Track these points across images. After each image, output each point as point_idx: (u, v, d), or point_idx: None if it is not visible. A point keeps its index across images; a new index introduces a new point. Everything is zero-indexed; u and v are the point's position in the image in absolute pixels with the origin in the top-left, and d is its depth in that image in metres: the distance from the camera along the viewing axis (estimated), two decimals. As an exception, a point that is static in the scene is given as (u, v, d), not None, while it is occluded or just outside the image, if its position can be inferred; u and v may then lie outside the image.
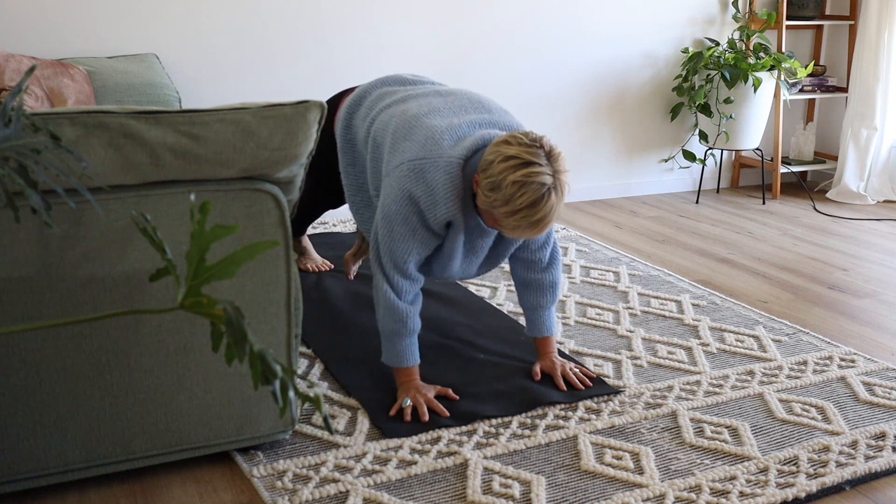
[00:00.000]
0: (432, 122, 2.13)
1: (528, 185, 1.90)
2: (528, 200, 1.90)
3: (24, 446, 1.74)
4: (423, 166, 2.05)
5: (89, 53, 3.41)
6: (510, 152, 1.93)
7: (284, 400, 1.03)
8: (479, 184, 1.98)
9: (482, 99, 2.26)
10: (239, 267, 1.09)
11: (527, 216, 1.93)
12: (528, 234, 1.99)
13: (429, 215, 2.06)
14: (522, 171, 1.91)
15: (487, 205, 1.97)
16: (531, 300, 2.35)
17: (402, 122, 2.17)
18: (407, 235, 2.09)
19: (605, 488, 1.88)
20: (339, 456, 1.97)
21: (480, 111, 2.20)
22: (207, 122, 1.67)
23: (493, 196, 1.94)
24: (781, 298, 3.08)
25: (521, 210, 1.92)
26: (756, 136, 4.41)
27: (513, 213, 1.93)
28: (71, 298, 1.69)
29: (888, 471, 1.99)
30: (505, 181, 1.91)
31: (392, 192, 2.09)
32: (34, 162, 1.12)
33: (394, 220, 2.09)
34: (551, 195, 1.92)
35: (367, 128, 2.32)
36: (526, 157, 1.92)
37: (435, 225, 2.08)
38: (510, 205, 1.92)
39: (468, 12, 4.03)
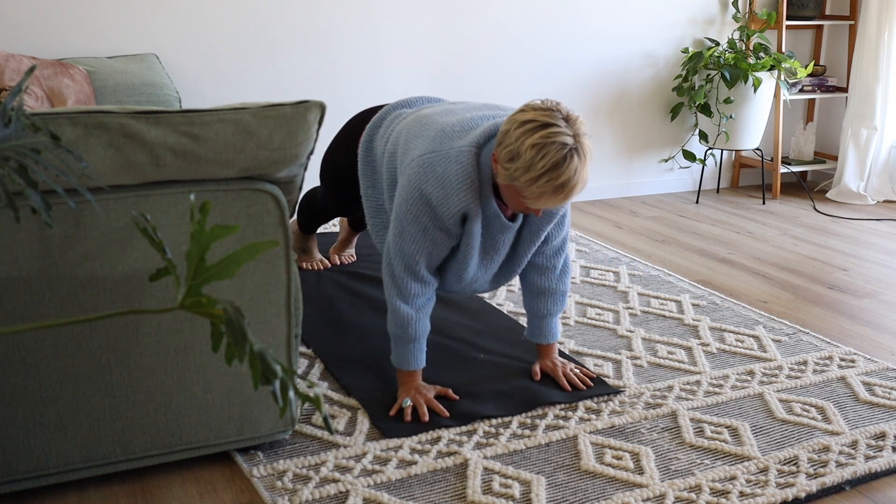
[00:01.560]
0: (443, 119, 2.10)
1: (548, 146, 1.83)
2: (549, 162, 1.83)
3: (24, 446, 1.74)
4: (433, 159, 2.01)
5: (89, 53, 3.41)
6: (526, 118, 1.87)
7: (284, 400, 1.03)
8: (498, 159, 1.91)
9: (495, 105, 2.23)
10: (239, 267, 1.09)
11: (550, 180, 1.84)
12: (553, 201, 1.89)
13: (441, 210, 2.01)
14: (540, 132, 1.84)
15: (508, 178, 1.90)
16: (541, 308, 2.32)
17: (414, 123, 2.16)
18: (418, 235, 2.06)
19: (605, 488, 1.88)
20: (339, 456, 1.97)
21: (493, 108, 2.18)
22: (207, 122, 1.67)
23: (513, 166, 1.87)
24: (781, 298, 3.08)
25: (543, 174, 1.83)
26: (756, 136, 4.42)
27: (535, 179, 1.84)
28: (71, 298, 1.69)
29: (888, 471, 1.99)
30: (523, 146, 1.84)
31: (403, 191, 2.06)
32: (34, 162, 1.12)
33: (404, 219, 2.06)
34: (573, 156, 1.84)
35: (384, 144, 2.28)
36: (543, 119, 1.86)
37: (449, 221, 2.03)
38: (531, 171, 1.84)
39: (468, 12, 4.03)
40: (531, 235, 2.18)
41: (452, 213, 2.01)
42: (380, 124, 2.37)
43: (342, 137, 2.56)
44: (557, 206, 1.98)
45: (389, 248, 2.13)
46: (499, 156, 1.91)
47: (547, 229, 2.17)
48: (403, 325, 2.14)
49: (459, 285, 2.20)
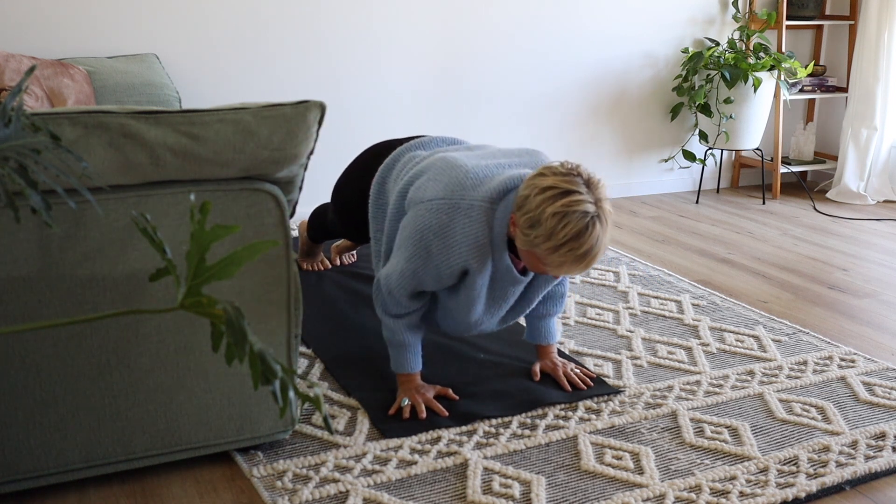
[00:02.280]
0: (459, 165, 2.02)
1: (569, 215, 1.79)
2: (571, 232, 1.79)
3: (24, 446, 1.74)
4: (441, 207, 1.96)
5: (89, 53, 3.41)
6: (546, 183, 1.82)
7: (284, 400, 1.03)
8: (517, 223, 1.88)
9: (514, 149, 2.17)
10: (239, 267, 1.09)
11: (572, 249, 1.80)
12: (574, 269, 1.86)
13: (439, 261, 1.98)
14: (562, 200, 1.79)
15: (528, 244, 1.86)
16: (539, 309, 2.32)
17: (429, 166, 2.09)
18: (408, 276, 2.04)
19: (605, 488, 1.88)
20: (339, 456, 1.97)
21: (509, 156, 2.11)
22: (207, 122, 1.67)
23: (533, 233, 1.83)
24: (781, 298, 3.08)
25: (565, 244, 1.80)
26: (756, 136, 4.41)
27: (556, 248, 1.81)
28: (71, 298, 1.69)
29: (888, 471, 1.99)
30: (544, 214, 1.80)
31: (406, 229, 2.02)
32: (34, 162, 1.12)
33: (400, 254, 2.04)
34: (596, 224, 1.81)
35: (396, 188, 2.21)
36: (564, 185, 1.81)
37: (444, 272, 1.99)
38: (553, 239, 1.80)
39: (468, 12, 4.03)
40: (545, 282, 2.16)
41: (450, 266, 1.98)
42: (392, 166, 2.32)
43: (354, 171, 2.52)
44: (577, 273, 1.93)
45: (380, 270, 2.14)
46: (518, 221, 1.87)
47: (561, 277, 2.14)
48: (394, 331, 2.16)
49: (462, 328, 2.17)
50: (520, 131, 4.27)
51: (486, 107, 4.18)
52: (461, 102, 4.12)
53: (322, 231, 2.95)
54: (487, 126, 4.20)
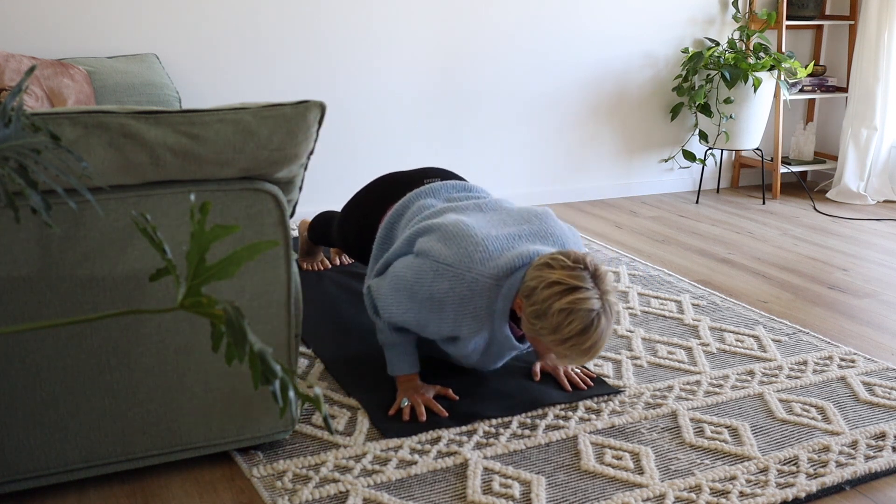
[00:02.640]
0: (470, 232, 2.02)
1: (575, 312, 1.82)
2: (577, 328, 1.83)
3: (24, 446, 1.74)
4: (446, 273, 1.97)
5: (89, 53, 3.41)
6: (553, 277, 1.85)
7: (284, 400, 1.03)
8: (523, 310, 1.91)
9: (523, 211, 2.17)
10: (239, 267, 1.09)
11: (576, 344, 1.85)
12: (577, 361, 1.91)
13: (430, 320, 2.02)
14: (568, 297, 1.83)
15: (533, 332, 1.90)
16: None
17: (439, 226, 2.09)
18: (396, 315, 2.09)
19: (605, 488, 1.88)
20: (339, 456, 1.97)
21: (520, 223, 2.11)
22: (207, 122, 1.67)
23: (539, 324, 1.87)
24: (781, 298, 3.08)
25: (570, 338, 1.84)
26: (756, 136, 4.41)
27: (561, 342, 1.86)
28: (71, 298, 1.69)
29: (888, 471, 1.99)
30: (551, 309, 1.84)
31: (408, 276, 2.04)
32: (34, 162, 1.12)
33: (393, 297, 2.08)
34: (601, 320, 1.85)
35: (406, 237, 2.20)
36: (571, 281, 1.84)
37: (433, 330, 2.06)
38: (558, 333, 1.85)
39: (468, 12, 4.03)
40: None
41: (440, 329, 2.03)
42: (402, 213, 2.33)
43: (361, 207, 2.51)
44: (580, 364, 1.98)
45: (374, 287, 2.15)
46: (524, 308, 1.91)
47: None
48: (387, 333, 2.19)
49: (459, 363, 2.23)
50: (520, 131, 4.27)
51: (486, 107, 4.18)
52: (461, 102, 4.12)
53: (323, 238, 2.97)
54: (487, 126, 4.20)
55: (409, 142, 4.07)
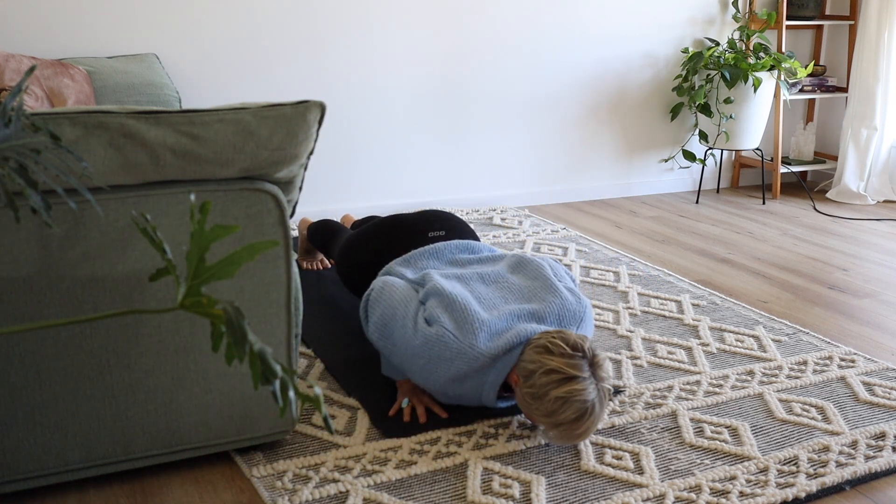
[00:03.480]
0: (474, 312, 2.05)
1: (571, 401, 1.86)
2: (571, 417, 1.88)
3: (24, 446, 1.74)
4: (450, 341, 1.99)
5: (89, 53, 3.41)
6: (552, 365, 1.88)
7: (284, 400, 1.03)
8: (520, 387, 1.95)
9: (524, 287, 2.19)
10: (239, 267, 1.09)
11: (569, 429, 1.90)
12: (565, 443, 1.98)
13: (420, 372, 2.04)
14: (566, 387, 1.86)
15: (528, 409, 1.94)
16: None
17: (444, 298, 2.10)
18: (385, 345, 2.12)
19: (605, 488, 1.88)
20: (339, 456, 1.97)
21: (521, 300, 2.14)
22: (207, 122, 1.67)
23: (534, 405, 1.91)
24: (781, 298, 3.08)
25: (563, 424, 1.89)
26: (756, 136, 4.42)
27: (554, 425, 1.90)
28: (71, 298, 1.69)
29: (888, 471, 1.99)
30: (548, 396, 1.87)
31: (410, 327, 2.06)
32: (34, 162, 1.12)
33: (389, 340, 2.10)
34: (594, 409, 1.89)
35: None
36: (569, 371, 1.87)
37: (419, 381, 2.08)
38: (552, 418, 1.89)
39: (467, 13, 4.03)
40: None
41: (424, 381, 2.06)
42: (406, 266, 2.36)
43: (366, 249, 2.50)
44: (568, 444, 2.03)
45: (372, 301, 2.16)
46: (521, 387, 1.94)
47: None
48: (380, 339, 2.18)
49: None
50: (520, 131, 4.27)
51: (486, 107, 4.18)
52: (461, 102, 4.12)
53: (323, 249, 2.97)
54: (488, 126, 4.20)
55: (409, 141, 4.07)
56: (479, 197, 4.25)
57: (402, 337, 2.06)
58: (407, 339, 2.05)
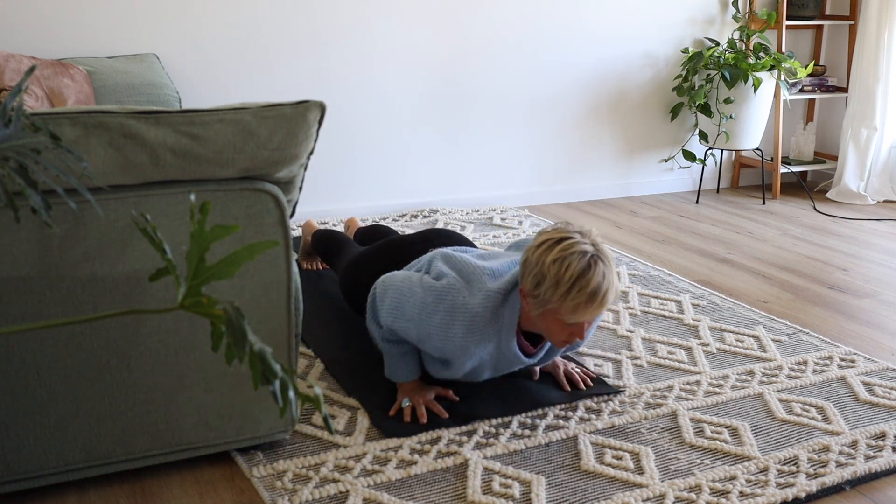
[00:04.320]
0: (474, 260, 2.10)
1: (568, 257, 1.83)
2: (575, 271, 1.82)
3: (24, 446, 1.74)
4: (457, 286, 2.01)
5: (89, 53, 3.41)
6: (540, 241, 1.90)
7: (284, 400, 1.03)
8: (525, 290, 1.92)
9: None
10: (239, 267, 1.09)
11: (581, 288, 1.82)
12: (591, 311, 1.87)
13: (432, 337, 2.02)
14: (558, 247, 1.85)
15: (540, 304, 1.89)
16: None
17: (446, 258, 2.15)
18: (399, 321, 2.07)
19: (605, 488, 1.88)
20: (339, 456, 1.97)
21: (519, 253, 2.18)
22: (207, 122, 1.67)
23: (541, 289, 1.86)
24: (781, 298, 3.08)
25: (572, 285, 1.82)
26: (756, 136, 4.41)
27: (566, 293, 1.83)
28: (71, 298, 1.69)
29: (888, 471, 1.99)
30: (545, 265, 1.85)
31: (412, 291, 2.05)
32: (34, 162, 1.12)
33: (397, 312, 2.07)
34: (598, 262, 1.84)
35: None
36: (557, 235, 1.87)
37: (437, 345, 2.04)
38: (560, 285, 1.83)
39: (467, 13, 4.03)
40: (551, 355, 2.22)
41: (443, 346, 2.02)
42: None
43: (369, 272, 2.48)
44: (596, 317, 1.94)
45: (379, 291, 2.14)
46: (525, 287, 1.91)
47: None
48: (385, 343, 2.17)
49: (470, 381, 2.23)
50: (520, 132, 4.27)
51: (486, 107, 4.18)
52: (461, 102, 4.12)
53: (326, 259, 2.94)
54: (488, 126, 4.20)
55: (409, 141, 4.07)
56: (479, 197, 4.25)
57: (414, 304, 2.04)
58: (419, 302, 2.03)
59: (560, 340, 1.97)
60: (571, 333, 1.93)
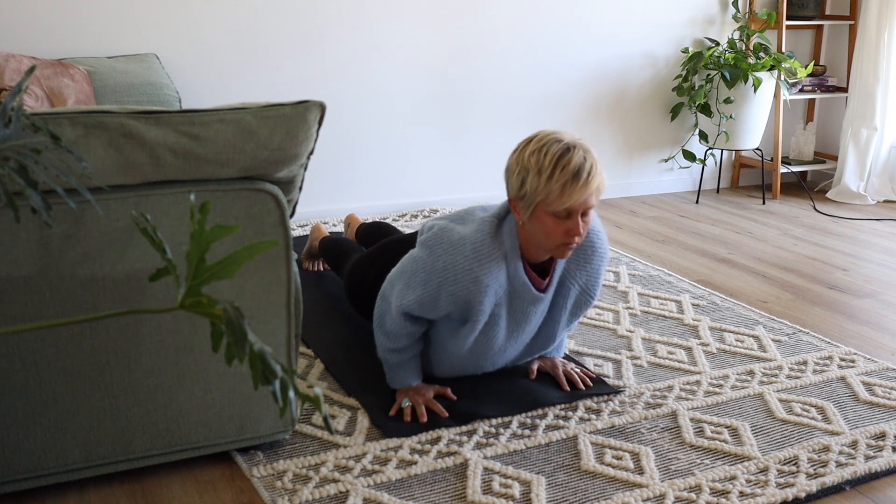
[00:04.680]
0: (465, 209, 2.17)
1: (546, 145, 1.90)
2: (555, 155, 1.88)
3: (24, 446, 1.74)
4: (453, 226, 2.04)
5: (89, 53, 3.41)
6: (518, 146, 1.97)
7: (284, 400, 1.03)
8: (514, 198, 1.95)
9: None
10: (239, 267, 1.09)
11: (564, 168, 1.86)
12: (579, 192, 1.88)
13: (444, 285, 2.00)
14: (534, 139, 1.93)
15: (529, 203, 1.91)
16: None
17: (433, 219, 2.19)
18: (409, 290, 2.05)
19: (605, 488, 1.88)
20: (339, 456, 1.97)
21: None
22: (207, 122, 1.67)
23: (526, 187, 1.90)
24: (781, 298, 3.08)
25: (554, 167, 1.87)
26: (756, 136, 4.41)
27: (549, 177, 1.87)
28: (71, 298, 1.69)
29: (888, 471, 1.99)
30: (525, 160, 1.91)
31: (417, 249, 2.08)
32: (34, 162, 1.12)
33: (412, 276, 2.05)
34: (576, 147, 1.90)
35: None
36: (532, 135, 1.95)
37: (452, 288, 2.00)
38: (542, 172, 1.87)
39: (467, 12, 4.03)
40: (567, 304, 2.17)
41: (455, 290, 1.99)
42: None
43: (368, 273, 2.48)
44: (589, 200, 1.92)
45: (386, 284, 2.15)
46: (512, 192, 1.95)
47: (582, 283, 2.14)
48: (388, 352, 2.17)
49: (485, 358, 2.18)
50: (520, 132, 4.27)
51: (486, 107, 4.18)
52: (461, 103, 4.12)
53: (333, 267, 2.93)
54: (487, 127, 4.20)
55: (409, 141, 4.07)
56: (479, 197, 4.25)
57: (417, 269, 2.04)
58: (422, 264, 2.03)
59: (559, 244, 1.94)
60: (567, 232, 1.92)
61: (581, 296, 2.17)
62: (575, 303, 2.18)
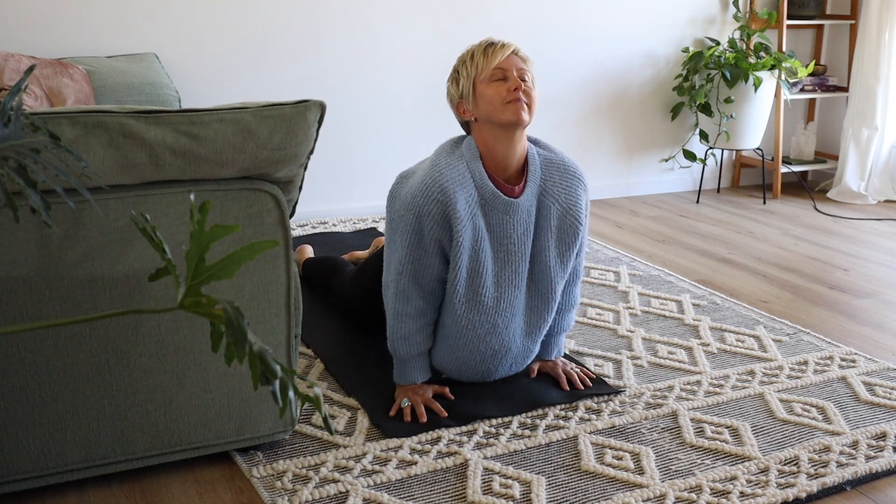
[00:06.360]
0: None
1: (476, 43, 2.16)
2: (482, 42, 2.14)
3: (24, 446, 1.74)
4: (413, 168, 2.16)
5: (89, 53, 3.41)
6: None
7: (284, 400, 1.03)
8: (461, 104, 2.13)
9: None
10: (239, 267, 1.09)
11: (480, 44, 2.12)
12: (502, 51, 2.11)
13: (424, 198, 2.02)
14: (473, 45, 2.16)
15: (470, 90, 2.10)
16: (554, 325, 2.31)
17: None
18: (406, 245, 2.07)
19: (606, 488, 1.88)
20: (339, 456, 1.97)
21: None
22: (207, 122, 1.67)
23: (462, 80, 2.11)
24: (782, 298, 3.08)
25: (477, 47, 2.12)
26: (757, 136, 4.41)
27: (471, 58, 2.10)
28: (71, 298, 1.69)
29: (889, 471, 1.99)
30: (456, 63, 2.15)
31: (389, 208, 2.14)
32: (34, 162, 1.12)
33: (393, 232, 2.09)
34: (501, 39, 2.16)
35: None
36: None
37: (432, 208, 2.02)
38: (466, 60, 2.11)
39: (467, 12, 4.03)
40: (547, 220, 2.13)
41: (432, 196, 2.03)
42: None
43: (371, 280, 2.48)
44: (516, 61, 2.16)
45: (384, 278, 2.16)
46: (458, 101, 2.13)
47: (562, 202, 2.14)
48: (399, 340, 2.15)
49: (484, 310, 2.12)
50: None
51: (487, 106, 4.17)
52: (461, 102, 4.12)
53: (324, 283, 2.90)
54: (488, 126, 4.20)
55: (409, 142, 4.07)
56: (479, 197, 4.25)
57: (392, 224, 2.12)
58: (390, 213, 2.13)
59: (508, 102, 2.07)
60: (509, 89, 2.07)
61: (564, 217, 2.13)
62: (559, 226, 2.13)
